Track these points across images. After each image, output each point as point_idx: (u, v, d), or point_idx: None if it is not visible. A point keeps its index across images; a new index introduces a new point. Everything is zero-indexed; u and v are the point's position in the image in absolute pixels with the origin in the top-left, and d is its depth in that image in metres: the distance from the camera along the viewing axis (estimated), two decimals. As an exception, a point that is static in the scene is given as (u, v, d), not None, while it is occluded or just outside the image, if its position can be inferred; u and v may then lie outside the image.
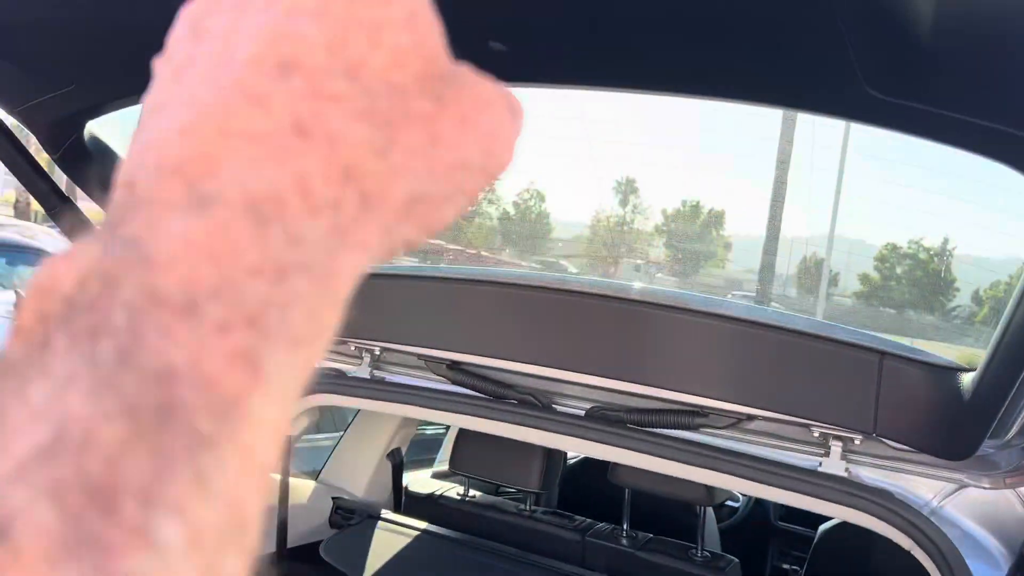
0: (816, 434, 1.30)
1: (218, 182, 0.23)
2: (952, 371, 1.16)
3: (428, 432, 2.86)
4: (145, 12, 0.85)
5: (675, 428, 1.39)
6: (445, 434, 2.63)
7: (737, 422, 1.37)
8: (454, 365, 1.55)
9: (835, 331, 1.32)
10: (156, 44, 0.28)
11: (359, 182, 0.26)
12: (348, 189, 0.26)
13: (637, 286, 1.52)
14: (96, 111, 1.30)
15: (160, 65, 0.28)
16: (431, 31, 0.32)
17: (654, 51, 0.87)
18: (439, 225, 0.31)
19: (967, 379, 1.12)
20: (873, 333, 1.33)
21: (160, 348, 0.20)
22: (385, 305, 1.57)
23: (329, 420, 2.70)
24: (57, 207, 1.42)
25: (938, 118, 0.79)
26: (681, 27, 0.84)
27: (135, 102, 1.27)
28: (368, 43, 0.28)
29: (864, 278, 12.92)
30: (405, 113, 0.28)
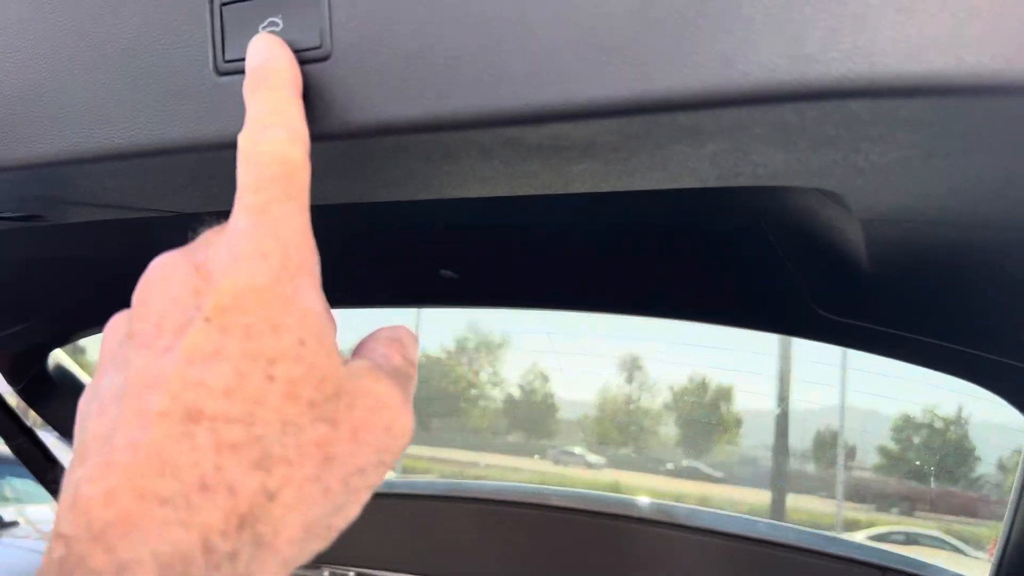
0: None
1: (134, 548, 0.25)
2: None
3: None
4: (102, 246, 0.86)
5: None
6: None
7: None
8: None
9: (834, 545, 1.24)
10: (114, 277, 0.31)
11: (253, 528, 0.27)
12: (243, 537, 0.27)
13: (626, 498, 1.46)
14: (59, 342, 1.30)
15: (84, 404, 0.31)
16: (321, 353, 0.31)
17: (601, 275, 0.87)
18: (343, 526, 0.32)
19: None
20: (877, 545, 1.25)
21: None
22: (360, 526, 1.49)
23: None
24: (18, 438, 1.39)
25: (893, 338, 0.76)
26: (627, 253, 0.84)
27: (98, 331, 1.27)
28: (263, 379, 0.29)
29: (882, 450, 12.57)
30: (299, 447, 0.29)
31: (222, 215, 0.35)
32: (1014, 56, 0.29)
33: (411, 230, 0.87)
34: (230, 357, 0.28)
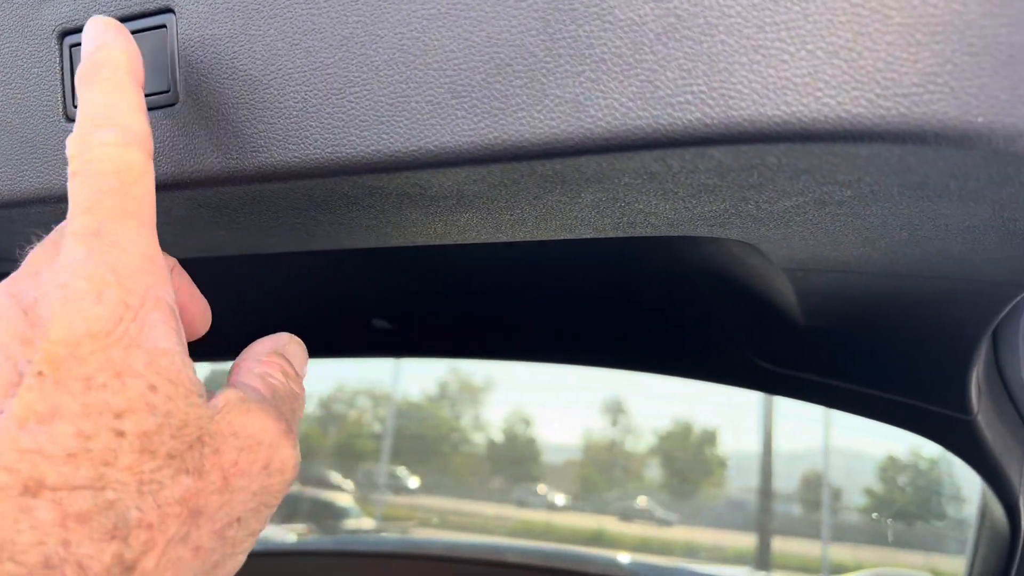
0: None
1: None
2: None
3: None
4: None
5: None
6: None
7: None
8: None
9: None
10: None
11: None
12: None
13: (588, 553, 1.41)
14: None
15: None
16: (176, 397, 0.27)
17: (536, 325, 0.85)
18: None
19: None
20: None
21: None
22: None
23: None
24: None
25: (832, 388, 0.74)
26: (561, 303, 0.82)
27: None
28: (111, 436, 0.25)
29: (868, 491, 12.52)
30: (160, 507, 0.25)
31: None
32: (880, 99, 0.27)
33: (342, 279, 0.84)
34: (70, 416, 0.25)
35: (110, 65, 0.32)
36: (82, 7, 0.38)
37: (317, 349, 1.02)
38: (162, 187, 0.37)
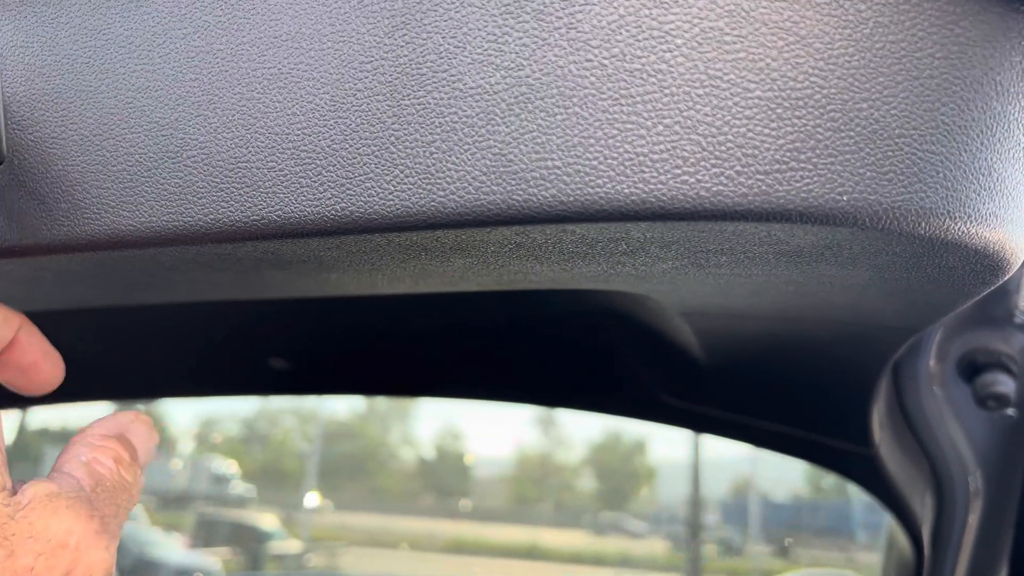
0: None
1: None
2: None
3: None
4: None
5: None
6: None
7: None
8: None
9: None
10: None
11: None
12: None
13: None
14: None
15: None
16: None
17: (439, 361, 0.82)
18: None
19: None
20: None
21: None
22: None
23: None
24: None
25: (738, 423, 0.73)
26: (468, 341, 0.79)
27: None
28: None
29: (794, 496, 12.86)
30: None
31: None
32: (740, 176, 0.25)
33: (239, 318, 0.80)
34: None
35: None
36: None
37: (213, 388, 0.97)
38: None
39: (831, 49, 0.25)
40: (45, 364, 0.38)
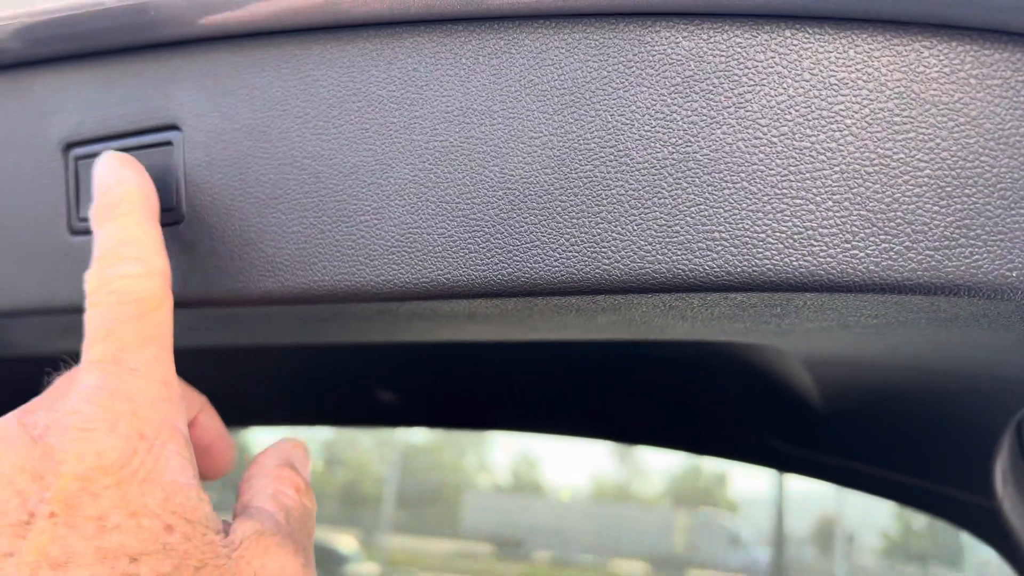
0: None
1: None
2: None
3: None
4: None
5: None
6: None
7: None
8: None
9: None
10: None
11: None
12: None
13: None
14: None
15: None
16: (194, 537, 0.26)
17: (547, 399, 0.83)
18: None
19: None
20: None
21: None
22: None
23: None
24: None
25: (850, 470, 0.72)
26: (576, 377, 0.81)
27: None
28: None
29: (883, 535, 12.32)
30: None
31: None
32: (909, 252, 0.26)
33: (346, 349, 0.83)
34: (84, 562, 0.24)
35: (127, 201, 0.32)
36: (88, 120, 0.38)
37: (322, 417, 1.01)
38: None
39: (1002, 130, 0.25)
40: (220, 446, 0.38)
